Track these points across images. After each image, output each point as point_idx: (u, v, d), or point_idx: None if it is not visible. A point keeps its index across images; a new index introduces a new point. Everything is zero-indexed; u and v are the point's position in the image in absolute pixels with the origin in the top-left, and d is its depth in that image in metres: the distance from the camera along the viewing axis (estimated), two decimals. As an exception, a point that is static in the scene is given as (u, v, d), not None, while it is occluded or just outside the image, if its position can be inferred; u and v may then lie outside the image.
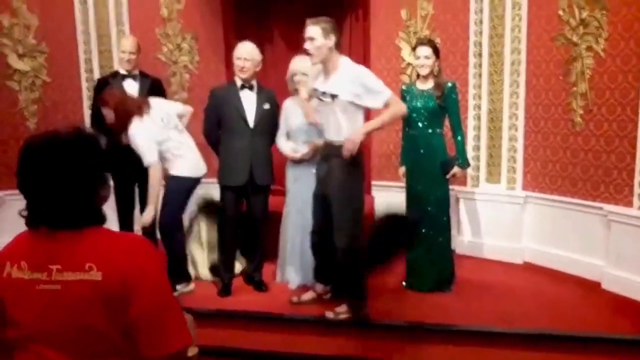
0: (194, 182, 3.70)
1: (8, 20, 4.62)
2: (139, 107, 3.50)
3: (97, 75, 4.81)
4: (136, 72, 4.00)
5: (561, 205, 4.09)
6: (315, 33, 3.03)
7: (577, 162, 3.98)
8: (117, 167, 4.02)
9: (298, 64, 3.66)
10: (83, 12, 4.88)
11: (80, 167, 1.30)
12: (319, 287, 3.53)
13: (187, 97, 5.08)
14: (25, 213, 1.33)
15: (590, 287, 3.79)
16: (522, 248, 4.35)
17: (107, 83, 3.99)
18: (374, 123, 3.16)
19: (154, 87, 4.06)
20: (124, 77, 3.97)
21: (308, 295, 3.54)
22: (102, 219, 1.37)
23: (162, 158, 3.56)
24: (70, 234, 1.30)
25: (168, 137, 3.56)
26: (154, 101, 3.64)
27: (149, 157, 3.46)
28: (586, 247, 3.94)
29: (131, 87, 3.96)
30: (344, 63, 3.12)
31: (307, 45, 3.06)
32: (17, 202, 1.34)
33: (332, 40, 3.05)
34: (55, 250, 1.28)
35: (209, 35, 5.07)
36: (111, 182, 1.59)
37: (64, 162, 1.28)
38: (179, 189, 3.65)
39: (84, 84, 4.93)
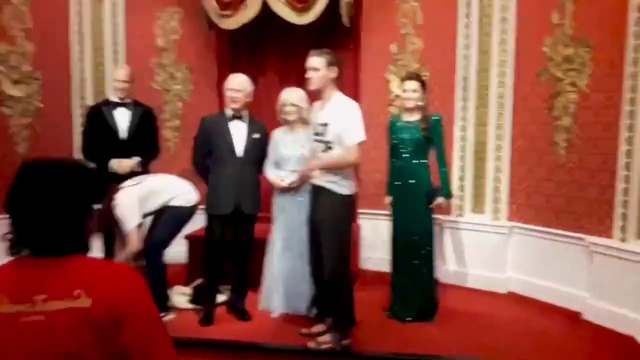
0: (189, 212, 3.75)
1: (4, 48, 4.69)
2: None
3: (90, 102, 4.87)
4: (129, 100, 4.06)
5: (545, 236, 4.15)
6: (319, 64, 3.13)
7: (561, 194, 4.05)
8: (105, 195, 4.06)
9: (288, 95, 3.74)
10: (79, 40, 4.97)
11: (75, 193, 1.31)
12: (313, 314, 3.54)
13: (179, 125, 5.15)
14: (9, 237, 1.30)
15: (573, 318, 3.82)
16: (507, 278, 4.38)
17: (100, 110, 4.04)
18: (326, 162, 3.20)
19: (146, 116, 4.12)
20: (116, 105, 4.02)
21: (318, 328, 3.50)
22: (87, 247, 1.37)
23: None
24: (56, 261, 1.28)
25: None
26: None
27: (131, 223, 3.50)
28: (569, 278, 3.98)
29: (123, 115, 4.01)
30: (338, 95, 3.23)
31: (310, 75, 3.15)
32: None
33: (334, 72, 3.15)
34: (39, 279, 1.26)
35: (203, 65, 5.17)
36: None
37: (60, 186, 1.29)
38: (175, 217, 3.70)
39: (77, 111, 4.99)
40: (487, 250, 4.42)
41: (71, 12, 4.92)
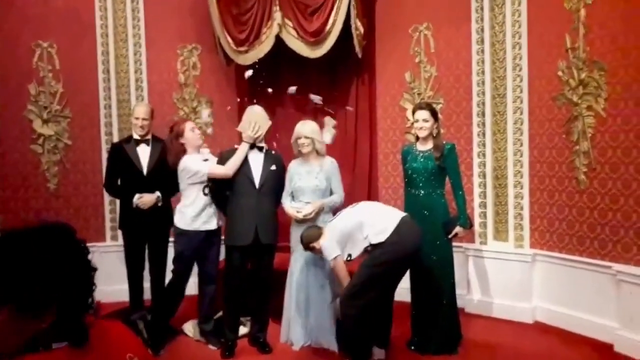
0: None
1: (35, 89, 4.93)
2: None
3: (116, 138, 5.05)
4: (149, 137, 4.19)
5: (570, 264, 4.04)
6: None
7: (583, 220, 3.95)
8: (128, 227, 4.18)
9: (302, 127, 3.79)
10: (105, 79, 5.17)
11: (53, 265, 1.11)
12: (377, 352, 3.54)
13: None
14: None
15: (603, 350, 3.68)
16: (533, 307, 4.27)
17: (122, 148, 4.19)
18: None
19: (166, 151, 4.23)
20: (137, 142, 4.16)
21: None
22: (84, 336, 1.17)
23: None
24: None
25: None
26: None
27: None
28: (597, 307, 3.85)
29: (144, 152, 4.14)
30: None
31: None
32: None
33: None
34: None
35: (223, 98, 5.30)
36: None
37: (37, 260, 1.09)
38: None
39: (104, 146, 5.16)
40: (511, 278, 4.32)
41: (98, 51, 5.14)
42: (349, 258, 3.41)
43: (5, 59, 4.76)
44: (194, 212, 3.80)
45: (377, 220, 3.37)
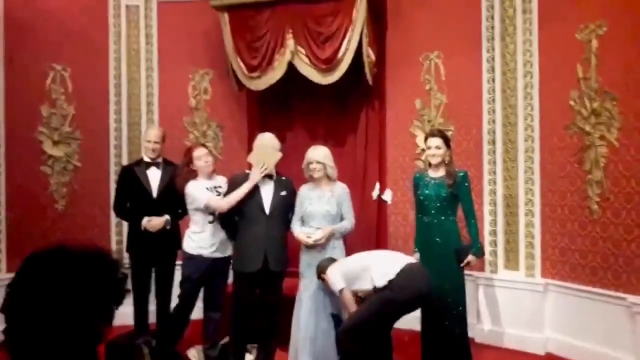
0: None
1: (47, 111, 4.96)
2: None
3: (125, 160, 5.06)
4: (159, 160, 4.20)
5: (583, 295, 3.97)
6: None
7: (596, 250, 3.90)
8: (136, 249, 4.15)
9: (313, 152, 3.79)
10: (117, 102, 5.21)
11: (89, 295, 1.06)
12: None
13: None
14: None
15: (618, 384, 3.60)
16: (545, 338, 4.19)
17: (132, 170, 4.19)
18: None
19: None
20: (147, 165, 4.16)
21: None
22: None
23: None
24: None
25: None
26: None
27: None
28: (611, 339, 3.77)
29: (154, 175, 4.15)
30: None
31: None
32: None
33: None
34: None
35: (234, 123, 5.34)
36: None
37: (69, 284, 1.05)
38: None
39: (112, 169, 5.17)
40: (523, 308, 4.25)
41: (110, 75, 5.19)
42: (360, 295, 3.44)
43: (19, 81, 4.81)
44: (202, 238, 3.78)
45: (383, 264, 3.42)
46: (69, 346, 1.06)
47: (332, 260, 3.58)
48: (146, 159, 4.19)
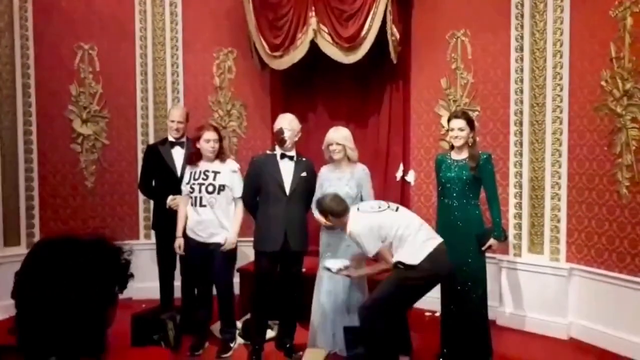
0: None
1: (76, 89, 5.07)
2: None
3: (152, 139, 5.14)
4: (183, 139, 4.25)
5: (609, 280, 3.89)
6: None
7: (624, 235, 3.80)
8: (160, 227, 4.24)
9: (334, 134, 3.77)
10: (143, 81, 5.27)
11: (95, 280, 1.10)
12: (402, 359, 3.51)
13: (234, 160, 5.29)
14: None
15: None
16: (568, 323, 4.14)
17: (157, 149, 4.26)
18: None
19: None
20: (172, 144, 4.22)
21: None
22: (101, 348, 1.15)
23: None
24: None
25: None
26: None
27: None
28: (637, 326, 3.70)
29: (178, 154, 4.20)
30: None
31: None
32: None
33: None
34: None
35: (257, 102, 5.35)
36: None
37: (78, 271, 1.09)
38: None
39: (140, 147, 5.26)
40: (546, 292, 4.20)
41: (136, 54, 5.24)
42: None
43: (49, 61, 4.90)
44: (191, 219, 3.84)
45: (414, 243, 3.27)
46: (78, 330, 1.09)
47: (343, 201, 3.46)
48: (170, 139, 4.24)
